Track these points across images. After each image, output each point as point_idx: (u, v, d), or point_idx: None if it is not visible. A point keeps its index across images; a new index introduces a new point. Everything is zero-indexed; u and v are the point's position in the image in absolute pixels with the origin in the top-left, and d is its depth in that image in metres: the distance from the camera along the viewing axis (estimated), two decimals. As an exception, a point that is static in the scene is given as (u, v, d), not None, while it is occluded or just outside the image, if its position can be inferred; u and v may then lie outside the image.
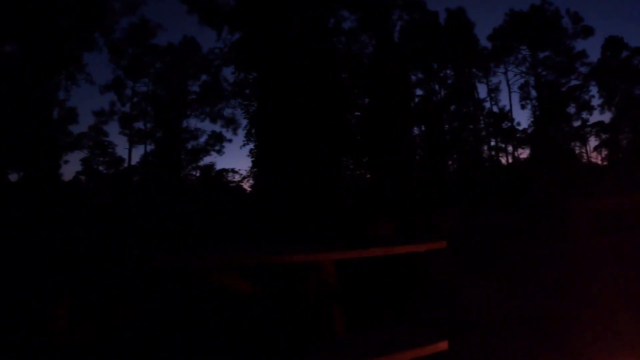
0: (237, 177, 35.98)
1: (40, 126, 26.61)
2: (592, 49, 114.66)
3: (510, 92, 47.91)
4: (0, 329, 3.48)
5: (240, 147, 22.03)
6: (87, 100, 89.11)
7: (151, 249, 4.83)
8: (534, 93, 47.25)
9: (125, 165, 42.82)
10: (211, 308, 3.79)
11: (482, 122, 45.90)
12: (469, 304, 4.71)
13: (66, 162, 47.74)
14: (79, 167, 43.96)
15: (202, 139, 43.79)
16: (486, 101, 47.00)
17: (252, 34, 21.33)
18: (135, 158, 49.18)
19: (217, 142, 44.15)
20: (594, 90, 48.63)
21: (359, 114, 25.07)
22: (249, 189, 23.86)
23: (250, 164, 20.98)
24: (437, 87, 42.82)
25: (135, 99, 42.92)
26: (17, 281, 4.04)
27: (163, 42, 64.59)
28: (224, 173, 40.46)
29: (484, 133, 45.96)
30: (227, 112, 42.83)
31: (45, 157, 27.06)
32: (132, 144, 42.80)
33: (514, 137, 48.35)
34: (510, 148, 49.24)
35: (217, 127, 58.40)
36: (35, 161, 26.29)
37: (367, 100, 26.00)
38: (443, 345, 3.02)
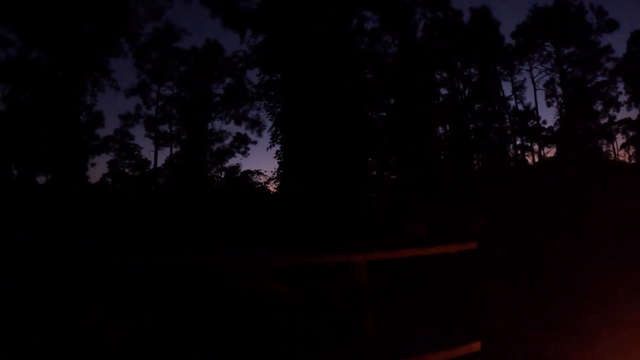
0: (262, 179, 36.12)
1: (67, 130, 27.01)
2: (618, 43, 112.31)
3: (535, 90, 47.35)
4: (36, 328, 3.55)
5: (267, 149, 22.18)
6: (113, 104, 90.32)
7: (181, 250, 4.89)
8: (559, 90, 46.68)
9: (151, 167, 43.36)
10: (245, 308, 3.83)
11: (507, 120, 45.44)
12: (496, 305, 4.70)
13: (93, 165, 48.64)
14: (105, 170, 44.69)
15: (227, 141, 44.13)
16: (511, 99, 46.59)
17: (276, 36, 21.40)
18: (161, 160, 49.74)
19: (242, 143, 44.41)
20: (620, 86, 47.63)
21: (384, 114, 24.99)
22: (275, 191, 23.86)
23: (276, 166, 20.98)
24: (461, 86, 42.52)
25: (160, 102, 43.45)
26: (50, 282, 4.12)
27: (187, 46, 65.29)
28: (249, 174, 40.65)
29: (509, 132, 45.47)
30: (252, 113, 43.05)
31: (72, 160, 27.45)
32: (157, 146, 43.34)
33: (540, 135, 47.77)
34: (536, 147, 48.72)
35: (242, 129, 58.86)
36: (62, 164, 26.68)
37: (392, 100, 25.93)
38: (476, 346, 3.02)
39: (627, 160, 48.64)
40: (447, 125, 37.72)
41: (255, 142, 48.62)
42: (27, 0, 25.45)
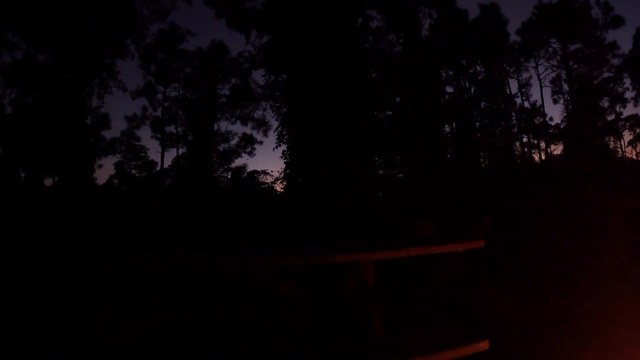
0: (269, 179, 36.13)
1: (74, 132, 27.07)
2: (624, 39, 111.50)
3: (541, 87, 47.16)
4: (48, 329, 3.57)
5: (273, 149, 22.13)
6: (119, 105, 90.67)
7: (190, 251, 4.90)
8: (565, 87, 46.45)
9: (158, 168, 43.50)
10: (252, 308, 3.83)
11: (513, 118, 45.30)
12: (503, 304, 4.68)
13: (100, 166, 48.92)
14: (112, 171, 44.95)
15: (233, 142, 44.32)
16: (517, 97, 46.44)
17: (281, 36, 21.38)
18: (168, 161, 49.97)
19: (248, 144, 44.61)
20: (627, 82, 47.31)
21: (390, 113, 24.98)
22: (282, 190, 23.87)
23: (283, 166, 21.00)
24: (467, 84, 42.41)
25: (166, 104, 43.57)
26: (62, 284, 4.14)
27: (192, 47, 65.44)
28: (256, 175, 40.71)
29: (515, 129, 45.30)
30: (258, 114, 43.10)
31: (79, 162, 27.51)
32: (164, 147, 43.48)
33: (547, 132, 47.53)
34: (542, 144, 48.52)
35: (247, 129, 59.12)
36: (69, 166, 26.75)
37: (397, 99, 25.93)
38: (484, 345, 3.01)
39: (634, 157, 48.31)
40: (453, 124, 37.67)
41: (261, 142, 49.13)
42: (31, 3, 25.53)
